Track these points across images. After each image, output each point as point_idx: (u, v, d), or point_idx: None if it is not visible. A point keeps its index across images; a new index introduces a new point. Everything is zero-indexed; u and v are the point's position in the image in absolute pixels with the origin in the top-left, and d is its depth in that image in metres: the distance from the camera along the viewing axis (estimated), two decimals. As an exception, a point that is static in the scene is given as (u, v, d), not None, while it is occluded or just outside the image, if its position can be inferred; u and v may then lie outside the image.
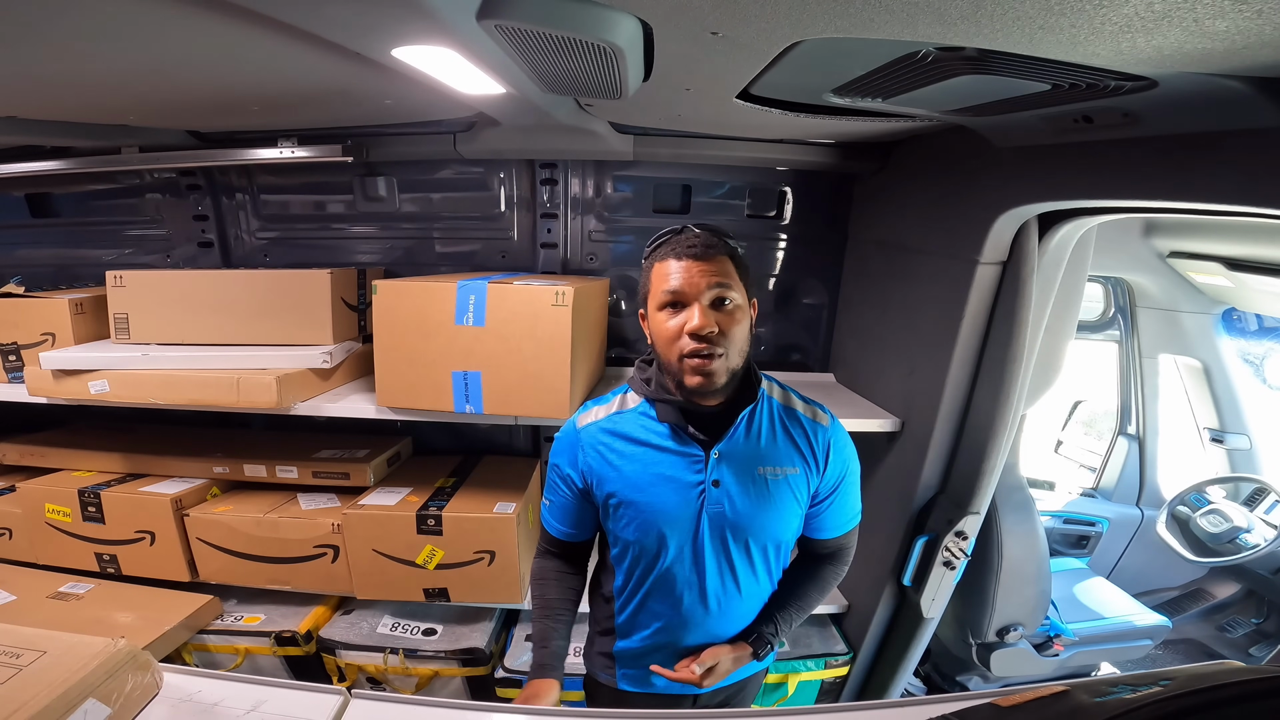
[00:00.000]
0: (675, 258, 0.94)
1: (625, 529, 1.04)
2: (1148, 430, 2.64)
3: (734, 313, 0.94)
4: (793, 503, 1.04)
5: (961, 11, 0.61)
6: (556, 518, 1.13)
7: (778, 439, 1.03)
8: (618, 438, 1.03)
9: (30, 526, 1.76)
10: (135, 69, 1.01)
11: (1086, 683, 0.67)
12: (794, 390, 1.11)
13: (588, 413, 1.08)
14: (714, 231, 0.98)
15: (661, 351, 0.97)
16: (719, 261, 0.93)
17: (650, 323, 1.00)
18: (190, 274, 1.85)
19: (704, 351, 0.92)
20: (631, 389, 1.07)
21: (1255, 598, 2.56)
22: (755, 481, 1.01)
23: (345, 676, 1.71)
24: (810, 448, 1.05)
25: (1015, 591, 1.85)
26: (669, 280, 0.93)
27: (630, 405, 1.06)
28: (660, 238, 1.00)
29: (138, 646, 0.91)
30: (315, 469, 1.79)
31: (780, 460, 1.03)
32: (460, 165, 1.91)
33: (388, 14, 0.73)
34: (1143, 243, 2.18)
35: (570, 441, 1.07)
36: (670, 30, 0.79)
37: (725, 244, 0.96)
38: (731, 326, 0.93)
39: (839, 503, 1.10)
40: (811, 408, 1.08)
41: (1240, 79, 0.73)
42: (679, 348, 0.93)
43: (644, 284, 1.01)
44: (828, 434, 1.06)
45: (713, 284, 0.92)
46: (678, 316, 0.94)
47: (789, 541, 1.08)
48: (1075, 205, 1.17)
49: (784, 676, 1.75)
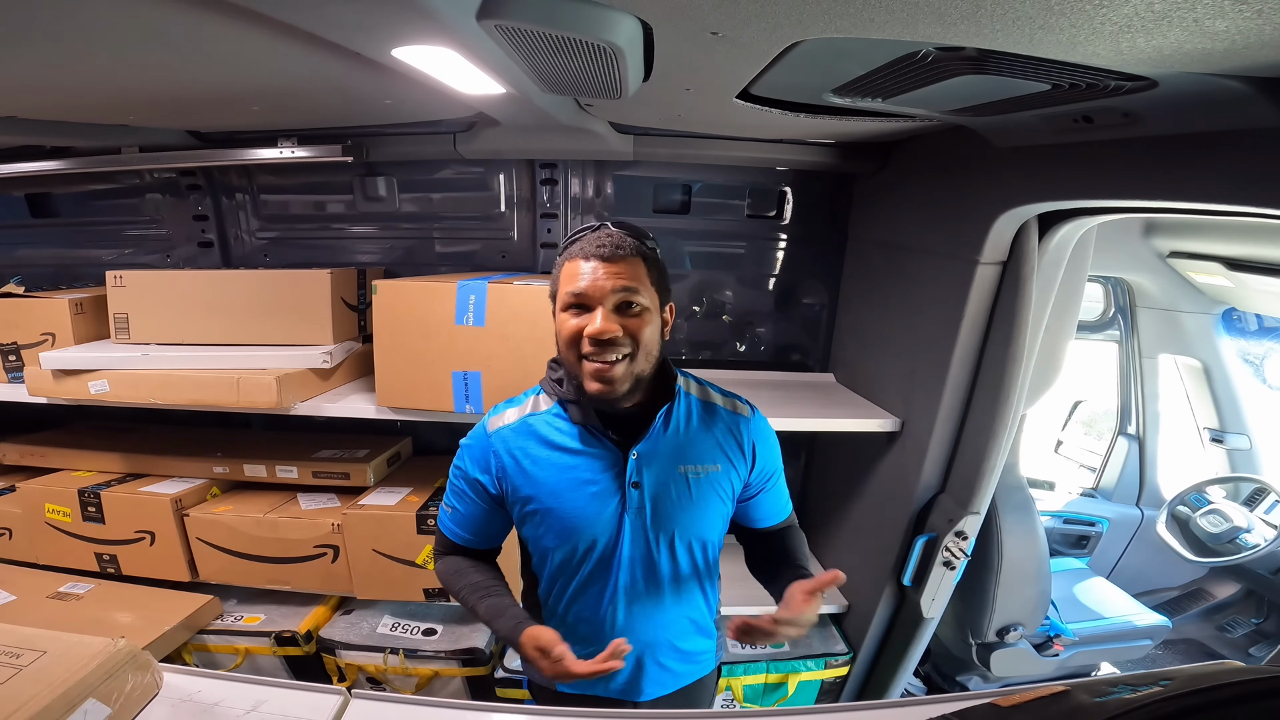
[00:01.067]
0: (583, 258, 0.90)
1: (544, 537, 1.00)
2: (1148, 430, 2.64)
3: (641, 315, 0.91)
4: (716, 500, 1.02)
5: (961, 11, 0.61)
6: (461, 525, 1.07)
7: (697, 436, 1.01)
8: (532, 442, 0.99)
9: (30, 526, 1.76)
10: (135, 69, 1.01)
11: (1086, 683, 0.67)
12: (711, 384, 1.09)
13: (499, 415, 1.03)
14: (631, 231, 0.94)
15: (564, 355, 0.94)
16: (628, 263, 0.90)
17: (557, 324, 0.96)
18: (190, 274, 1.85)
19: (604, 356, 0.89)
20: (544, 390, 1.04)
21: (1255, 598, 2.56)
22: (676, 481, 0.99)
23: (345, 676, 1.71)
24: (735, 441, 1.03)
25: (1015, 591, 1.85)
26: (574, 281, 0.90)
27: (543, 407, 1.02)
28: (575, 235, 0.96)
29: (138, 646, 0.91)
30: (315, 469, 1.79)
31: (701, 458, 1.00)
32: (460, 165, 1.91)
33: (388, 14, 0.73)
34: (1143, 243, 2.18)
35: (481, 446, 1.02)
36: (670, 30, 0.79)
37: (638, 245, 0.93)
38: (640, 329, 0.90)
39: (774, 489, 1.10)
40: (730, 400, 1.07)
41: (1240, 79, 0.73)
42: (578, 351, 0.91)
43: (553, 282, 0.97)
44: (750, 425, 1.05)
45: (618, 287, 0.89)
46: (579, 318, 0.91)
47: (715, 540, 1.07)
48: (1075, 205, 1.17)
49: (784, 676, 1.75)
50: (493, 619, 1.00)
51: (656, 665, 1.08)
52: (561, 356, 0.96)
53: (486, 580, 1.06)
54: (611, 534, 0.99)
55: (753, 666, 1.74)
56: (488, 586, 1.04)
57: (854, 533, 1.83)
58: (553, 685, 1.10)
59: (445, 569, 1.10)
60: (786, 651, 1.77)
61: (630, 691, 1.08)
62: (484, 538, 1.08)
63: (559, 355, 0.97)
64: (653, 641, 1.06)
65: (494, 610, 1.00)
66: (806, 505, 2.15)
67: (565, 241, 0.97)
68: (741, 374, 2.02)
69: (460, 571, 1.07)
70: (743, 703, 1.75)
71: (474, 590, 1.04)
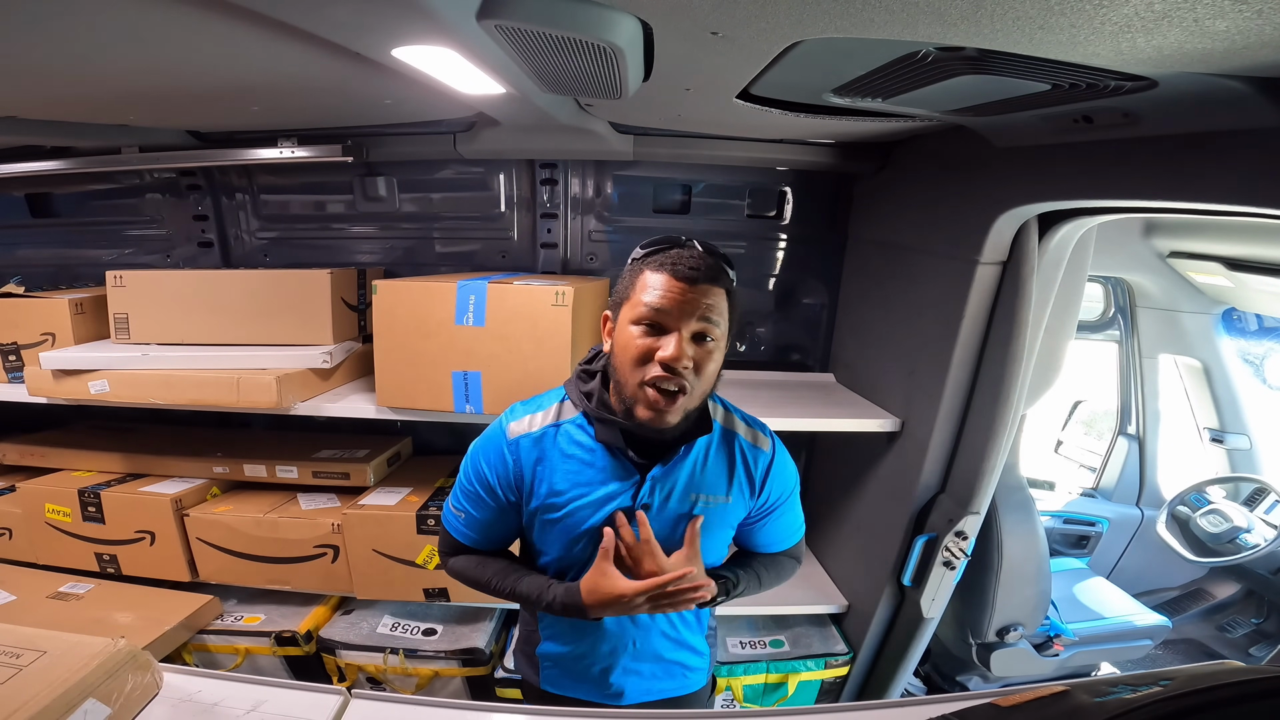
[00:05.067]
0: (672, 274, 0.85)
1: (552, 544, 0.99)
2: (1148, 430, 2.64)
3: (712, 351, 0.87)
4: (719, 530, 1.01)
5: (961, 11, 0.61)
6: (474, 529, 1.04)
7: (712, 466, 0.99)
8: (554, 451, 0.96)
9: (30, 526, 1.76)
10: (135, 69, 1.01)
11: (1086, 683, 0.67)
12: (738, 410, 1.06)
13: (519, 421, 0.98)
14: (720, 258, 0.89)
15: (621, 369, 0.89)
16: (715, 294, 0.86)
17: (617, 333, 0.90)
18: (190, 274, 1.85)
19: (670, 386, 0.85)
20: (569, 398, 0.99)
21: (1255, 598, 2.56)
22: (685, 508, 0.97)
23: (345, 676, 1.71)
24: (747, 474, 1.01)
25: (1015, 591, 1.85)
26: (656, 296, 0.85)
27: (566, 416, 0.98)
28: (660, 243, 0.90)
29: (138, 646, 0.91)
30: (315, 469, 1.79)
31: (713, 488, 0.98)
32: (460, 165, 1.91)
33: (388, 14, 0.73)
34: (1143, 243, 2.18)
35: (498, 450, 0.98)
36: (670, 30, 0.79)
37: (727, 275, 0.89)
38: (706, 364, 0.87)
39: (777, 522, 1.07)
40: (753, 431, 1.03)
41: (1240, 79, 0.73)
42: (643, 372, 0.86)
43: (624, 287, 0.91)
44: (768, 459, 1.02)
45: (703, 315, 0.85)
46: (652, 338, 0.86)
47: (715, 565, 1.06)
48: (1075, 205, 1.17)
49: (784, 676, 1.75)
50: (538, 593, 0.98)
51: (647, 677, 1.08)
52: (616, 370, 0.91)
53: (511, 564, 1.05)
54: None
55: (753, 666, 1.74)
56: (515, 568, 1.03)
57: (854, 533, 1.83)
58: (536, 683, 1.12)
59: (463, 565, 1.07)
60: (786, 651, 1.78)
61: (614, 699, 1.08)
62: (497, 541, 1.07)
63: (615, 370, 0.91)
64: (642, 650, 1.06)
65: (537, 585, 0.98)
66: (807, 505, 2.13)
67: (646, 249, 0.91)
68: (741, 374, 2.02)
69: (481, 562, 1.05)
70: (743, 703, 1.75)
71: (504, 574, 1.02)
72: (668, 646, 1.08)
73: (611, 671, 1.06)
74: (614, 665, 1.06)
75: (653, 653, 1.07)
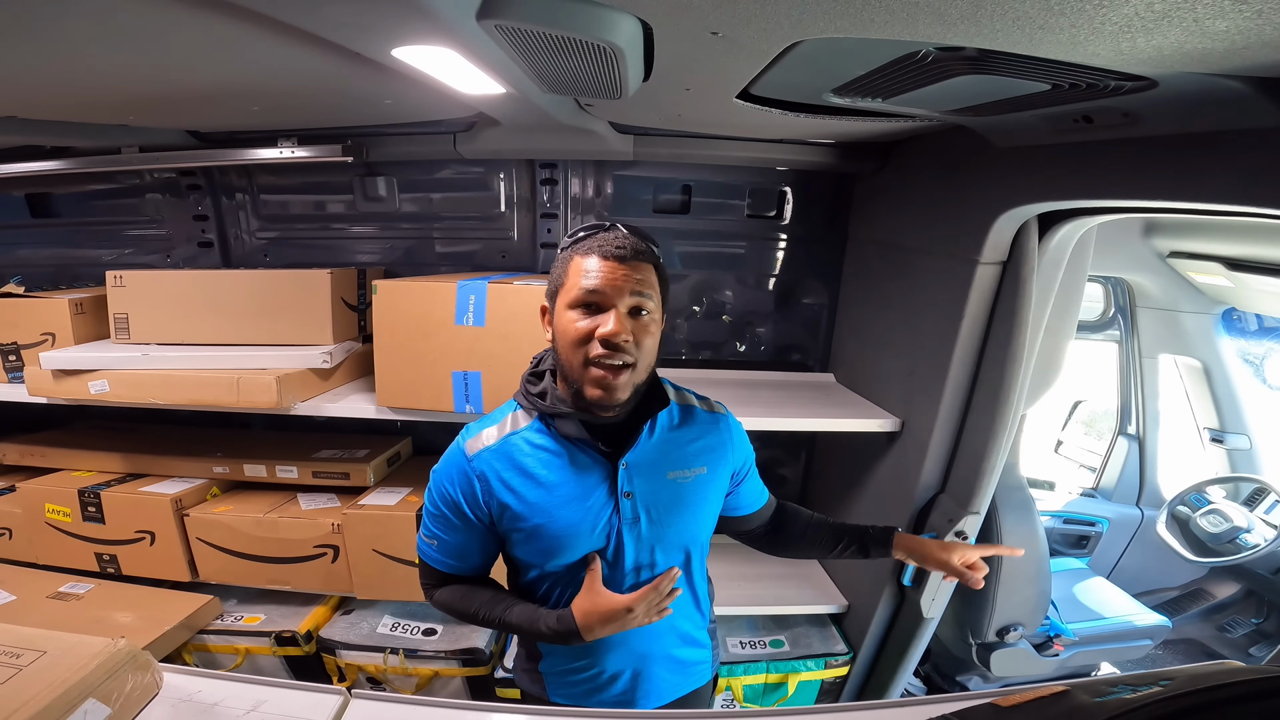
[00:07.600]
0: (600, 256, 0.87)
1: (536, 556, 0.97)
2: (1148, 430, 2.64)
3: (649, 325, 0.89)
4: (705, 502, 1.02)
5: (961, 11, 0.61)
6: (450, 555, 1.01)
7: (680, 441, 1.00)
8: (515, 460, 0.94)
9: (30, 526, 1.76)
10: (135, 69, 1.01)
11: (1086, 683, 0.67)
12: (684, 388, 1.09)
13: (475, 437, 0.97)
14: (643, 236, 0.92)
15: (564, 354, 0.90)
16: (644, 269, 0.89)
17: (556, 320, 0.92)
18: (190, 274, 1.85)
19: (614, 360, 0.86)
20: (520, 406, 0.99)
21: (1255, 598, 2.56)
22: (667, 487, 0.98)
23: (345, 676, 1.71)
24: (718, 440, 1.04)
25: (1015, 591, 1.85)
26: (589, 278, 0.87)
27: (522, 424, 0.97)
28: (586, 230, 0.93)
29: (138, 646, 0.91)
30: (315, 469, 1.79)
31: (687, 462, 1.00)
32: (460, 165, 1.91)
33: (387, 14, 0.73)
34: (1143, 243, 2.18)
35: (460, 471, 0.96)
36: (670, 30, 0.79)
37: (653, 251, 0.92)
38: (644, 338, 0.89)
39: (752, 479, 1.14)
40: (706, 402, 1.07)
41: (1240, 79, 0.73)
42: (585, 352, 0.87)
43: (557, 276, 0.92)
44: (729, 422, 1.07)
45: (635, 290, 0.87)
46: (590, 319, 0.87)
47: (704, 542, 1.07)
48: (1075, 205, 1.17)
49: (784, 676, 1.75)
50: (529, 622, 0.97)
51: (653, 676, 1.07)
52: (559, 357, 0.92)
53: (498, 594, 1.03)
54: (610, 546, 0.96)
55: (753, 666, 1.74)
56: (503, 598, 1.02)
57: (854, 533, 1.83)
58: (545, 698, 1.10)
59: (448, 597, 1.05)
60: (786, 651, 1.78)
61: (626, 704, 1.07)
62: (477, 565, 1.04)
63: (559, 357, 0.93)
64: (648, 652, 1.05)
65: (527, 614, 0.98)
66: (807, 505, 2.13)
67: (571, 238, 0.94)
68: (741, 374, 2.02)
69: (466, 594, 1.03)
70: (743, 703, 1.76)
71: (491, 605, 1.00)
72: (680, 643, 1.09)
73: (621, 678, 1.05)
74: (624, 671, 1.05)
75: (664, 653, 1.07)
